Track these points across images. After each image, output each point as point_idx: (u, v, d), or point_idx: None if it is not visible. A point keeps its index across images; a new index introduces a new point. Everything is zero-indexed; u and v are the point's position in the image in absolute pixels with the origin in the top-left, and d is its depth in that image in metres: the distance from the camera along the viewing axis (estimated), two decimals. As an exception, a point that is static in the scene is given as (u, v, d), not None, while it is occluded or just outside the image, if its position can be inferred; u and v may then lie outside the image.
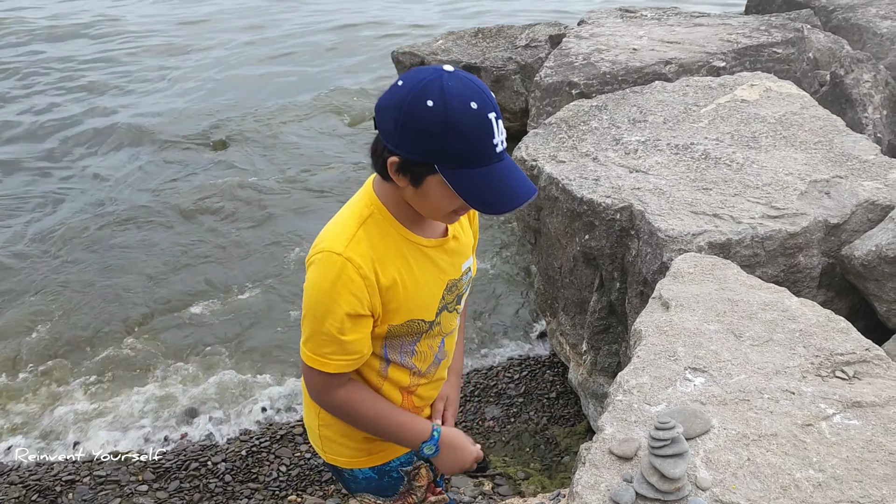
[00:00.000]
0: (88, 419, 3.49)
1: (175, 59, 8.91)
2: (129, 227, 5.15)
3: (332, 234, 1.37)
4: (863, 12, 5.60)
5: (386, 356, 1.49)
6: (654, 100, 3.73)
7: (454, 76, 1.24)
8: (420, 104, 1.22)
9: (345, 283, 1.33)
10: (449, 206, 1.32)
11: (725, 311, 1.92)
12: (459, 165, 1.24)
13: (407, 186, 1.31)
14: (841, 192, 2.86)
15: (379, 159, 1.31)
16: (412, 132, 1.23)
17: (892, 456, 1.45)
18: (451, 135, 1.21)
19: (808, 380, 1.65)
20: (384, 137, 1.28)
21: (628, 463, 1.48)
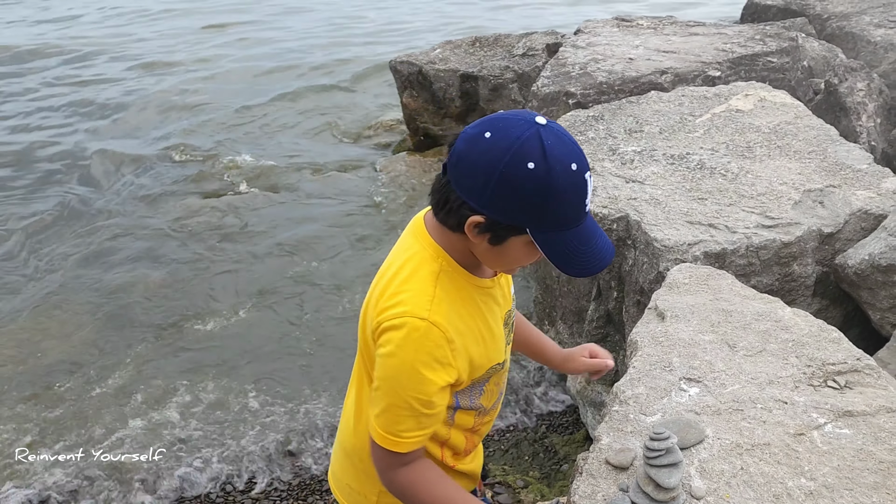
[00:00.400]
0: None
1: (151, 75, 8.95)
2: (122, 243, 5.18)
3: (409, 294, 1.24)
4: (857, 20, 5.65)
5: (457, 404, 1.40)
6: (650, 110, 3.77)
7: (551, 132, 1.14)
8: (520, 166, 1.12)
9: (431, 352, 1.22)
10: (527, 261, 1.25)
11: (720, 321, 1.95)
12: (552, 229, 1.17)
13: (482, 243, 1.22)
14: (834, 201, 2.90)
15: (453, 214, 1.20)
16: (508, 196, 1.13)
17: (882, 464, 1.48)
18: (551, 200, 1.13)
19: (800, 389, 1.68)
20: (467, 194, 1.17)
21: (624, 473, 1.51)
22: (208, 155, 6.61)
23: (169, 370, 3.89)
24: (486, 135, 1.15)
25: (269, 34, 10.60)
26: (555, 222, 1.16)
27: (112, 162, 6.55)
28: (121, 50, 10.04)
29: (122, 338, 4.17)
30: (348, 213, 5.54)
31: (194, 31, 10.92)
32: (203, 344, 4.13)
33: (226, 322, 4.30)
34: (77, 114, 7.80)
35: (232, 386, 3.78)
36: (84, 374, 3.88)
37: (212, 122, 7.36)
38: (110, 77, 8.94)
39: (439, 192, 1.22)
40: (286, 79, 8.68)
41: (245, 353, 4.03)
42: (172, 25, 11.36)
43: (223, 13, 11.97)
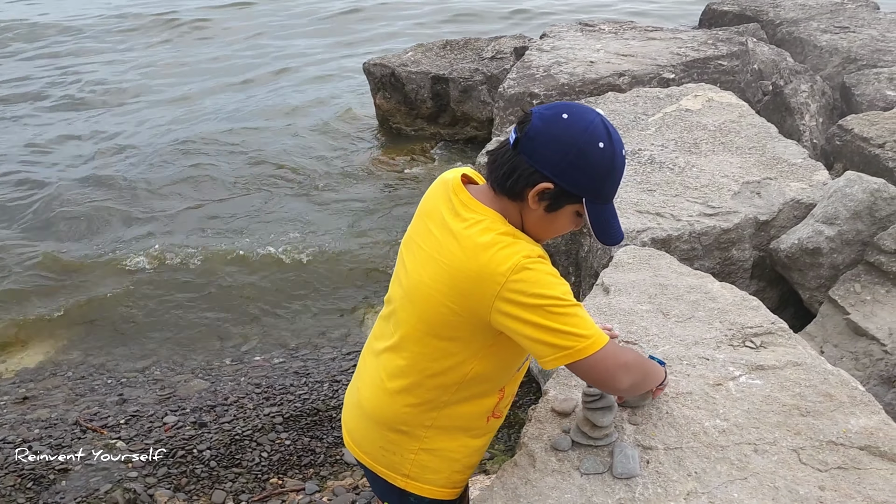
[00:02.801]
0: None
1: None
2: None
3: (514, 247, 1.38)
4: (805, 26, 5.99)
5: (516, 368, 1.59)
6: (607, 109, 4.03)
7: (609, 121, 1.40)
8: (594, 144, 1.34)
9: (556, 272, 1.41)
10: (566, 230, 1.47)
11: (656, 294, 2.20)
12: (601, 201, 1.40)
13: (538, 209, 1.41)
14: (770, 192, 3.18)
15: (522, 181, 1.38)
16: (581, 168, 1.35)
17: (785, 407, 1.73)
18: (610, 176, 1.38)
19: (721, 349, 1.94)
20: (542, 165, 1.36)
21: (567, 418, 1.75)
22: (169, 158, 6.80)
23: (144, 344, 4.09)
24: (564, 116, 1.37)
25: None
26: (606, 195, 1.41)
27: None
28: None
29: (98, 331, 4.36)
30: (323, 212, 5.75)
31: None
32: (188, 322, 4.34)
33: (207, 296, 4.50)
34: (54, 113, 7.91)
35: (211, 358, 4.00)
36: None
37: (182, 119, 7.50)
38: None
39: (507, 164, 1.40)
40: (258, 78, 8.85)
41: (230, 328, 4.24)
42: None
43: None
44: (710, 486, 1.55)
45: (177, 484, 3.25)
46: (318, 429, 3.57)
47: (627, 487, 1.56)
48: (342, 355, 4.15)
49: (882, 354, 2.56)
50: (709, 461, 1.61)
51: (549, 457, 1.65)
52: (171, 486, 3.23)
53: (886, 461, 1.60)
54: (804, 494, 1.52)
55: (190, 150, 6.79)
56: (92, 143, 7.02)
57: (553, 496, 1.55)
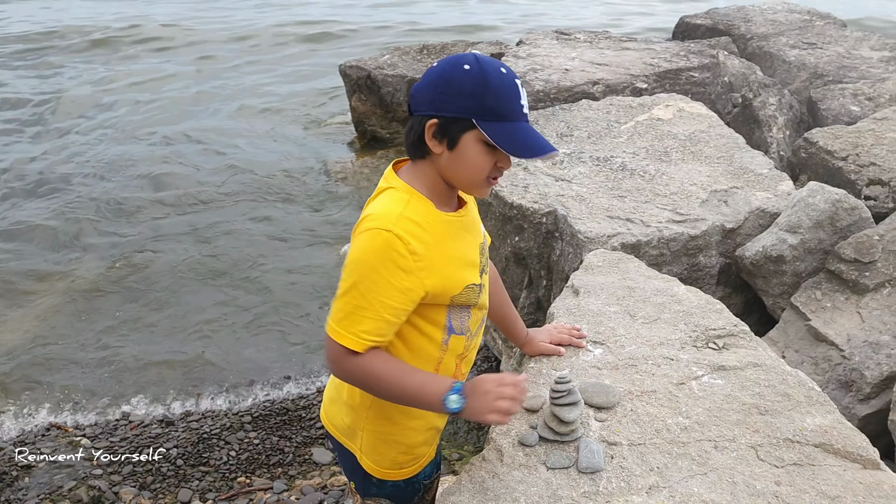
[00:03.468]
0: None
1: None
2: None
3: (377, 211, 1.44)
4: (774, 41, 6.13)
5: (450, 326, 1.57)
6: (581, 116, 4.09)
7: (483, 55, 1.46)
8: (458, 69, 1.41)
9: (395, 260, 1.40)
10: (484, 164, 1.45)
11: (624, 296, 2.25)
12: (494, 119, 1.41)
13: (443, 152, 1.45)
14: (737, 200, 3.25)
15: (415, 131, 1.46)
16: (451, 93, 1.41)
17: (745, 406, 1.79)
18: (486, 91, 1.40)
19: (685, 349, 1.99)
20: (421, 108, 1.44)
21: (535, 415, 1.78)
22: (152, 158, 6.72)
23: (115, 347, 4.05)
24: (433, 65, 1.47)
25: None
26: (495, 112, 1.41)
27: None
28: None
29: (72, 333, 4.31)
30: (297, 213, 5.74)
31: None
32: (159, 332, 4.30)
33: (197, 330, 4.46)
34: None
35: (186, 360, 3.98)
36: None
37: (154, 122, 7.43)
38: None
39: (407, 129, 1.50)
40: (235, 77, 8.81)
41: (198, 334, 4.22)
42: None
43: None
44: (672, 480, 1.59)
45: (142, 482, 3.23)
46: (286, 428, 3.57)
47: (592, 481, 1.59)
48: (312, 354, 4.15)
49: (840, 360, 2.64)
50: (671, 457, 1.65)
51: (516, 451, 1.68)
52: (136, 484, 3.21)
53: (839, 458, 1.66)
54: (761, 489, 1.57)
55: (154, 156, 6.73)
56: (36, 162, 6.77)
57: (520, 489, 1.58)
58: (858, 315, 2.73)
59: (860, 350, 2.61)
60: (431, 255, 1.46)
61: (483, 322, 1.70)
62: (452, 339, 1.60)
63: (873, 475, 1.62)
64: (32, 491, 3.11)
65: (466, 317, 1.60)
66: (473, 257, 1.58)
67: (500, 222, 3.46)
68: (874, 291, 2.77)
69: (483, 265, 1.64)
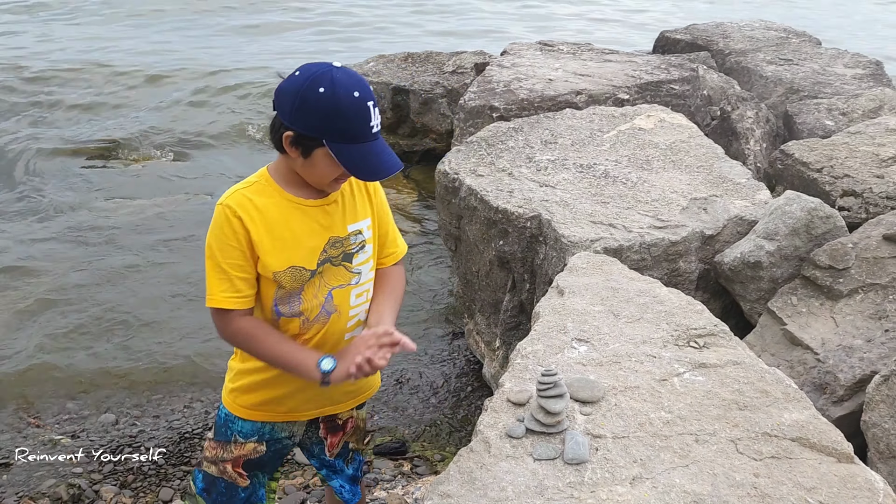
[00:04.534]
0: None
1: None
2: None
3: (225, 192, 1.70)
4: (752, 57, 6.27)
5: (277, 308, 1.73)
6: (565, 125, 4.16)
7: (342, 70, 1.57)
8: (314, 90, 1.54)
9: (226, 225, 1.64)
10: (331, 174, 1.64)
11: (608, 296, 2.30)
12: (342, 141, 1.57)
13: (298, 157, 1.63)
14: (716, 208, 3.33)
15: (276, 134, 1.63)
16: (306, 112, 1.55)
17: (724, 401, 1.84)
18: (337, 116, 1.54)
19: (667, 348, 2.05)
20: (282, 116, 1.60)
21: (521, 408, 1.82)
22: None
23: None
24: (296, 73, 1.60)
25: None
26: (344, 135, 1.57)
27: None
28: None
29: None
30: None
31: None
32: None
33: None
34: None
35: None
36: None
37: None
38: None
39: (270, 125, 1.66)
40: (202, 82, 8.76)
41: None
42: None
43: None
44: (655, 471, 1.64)
45: (123, 480, 3.21)
46: (269, 428, 3.57)
47: (577, 472, 1.64)
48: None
49: (815, 363, 2.71)
50: (653, 449, 1.70)
51: (503, 443, 1.72)
52: (117, 483, 3.19)
53: (815, 452, 1.71)
54: (740, 480, 1.62)
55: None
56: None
57: (507, 479, 1.61)
58: (833, 320, 2.81)
59: (834, 354, 2.69)
60: (258, 228, 1.65)
61: (325, 316, 1.76)
62: (283, 321, 1.75)
63: (847, 468, 1.68)
64: (10, 489, 3.09)
65: (297, 302, 1.73)
66: (313, 244, 1.72)
67: (484, 226, 3.51)
68: (848, 297, 2.85)
69: (332, 257, 1.74)
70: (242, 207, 1.66)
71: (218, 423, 1.93)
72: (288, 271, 1.69)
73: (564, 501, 1.56)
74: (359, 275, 1.80)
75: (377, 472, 3.29)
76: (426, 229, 5.60)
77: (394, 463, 3.37)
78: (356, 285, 1.81)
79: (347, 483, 2.08)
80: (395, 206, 5.90)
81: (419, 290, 4.86)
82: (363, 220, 1.81)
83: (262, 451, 1.90)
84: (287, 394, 1.83)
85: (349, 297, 1.79)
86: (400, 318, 4.46)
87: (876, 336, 2.68)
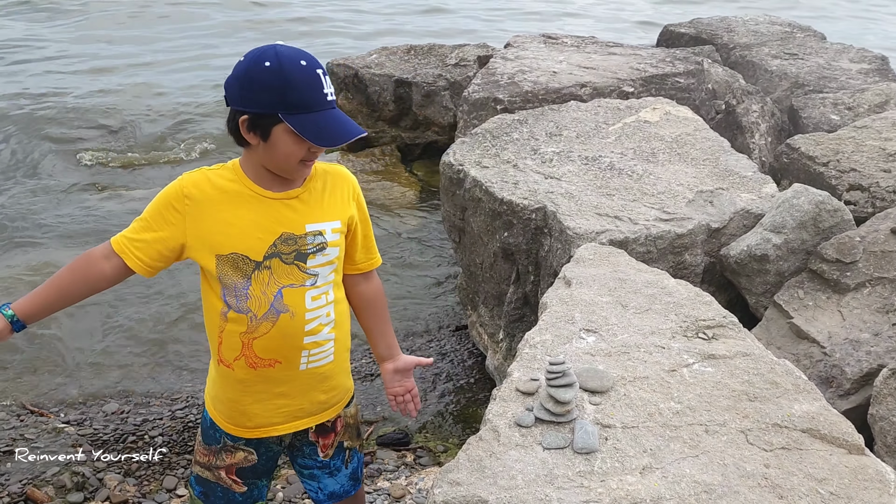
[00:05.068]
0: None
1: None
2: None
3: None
4: (757, 51, 6.25)
5: (225, 300, 1.68)
6: (569, 117, 4.15)
7: (286, 46, 1.56)
8: (259, 66, 1.52)
9: (173, 193, 1.64)
10: (295, 152, 1.58)
11: (616, 287, 2.29)
12: (298, 111, 1.53)
13: (259, 143, 1.59)
14: (722, 201, 3.32)
15: (232, 124, 1.59)
16: (255, 90, 1.52)
17: (734, 392, 1.84)
18: (287, 86, 1.51)
19: (676, 339, 2.04)
20: (234, 104, 1.57)
21: (530, 397, 1.81)
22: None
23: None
24: (240, 60, 1.58)
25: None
26: (298, 106, 1.53)
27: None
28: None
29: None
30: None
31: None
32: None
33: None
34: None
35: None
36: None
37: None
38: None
39: (227, 121, 1.62)
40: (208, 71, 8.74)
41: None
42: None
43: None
44: (664, 461, 1.63)
45: (127, 469, 3.21)
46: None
47: (587, 461, 1.63)
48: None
49: (822, 356, 2.71)
50: (663, 439, 1.69)
51: (512, 432, 1.71)
52: (121, 471, 3.19)
53: (826, 443, 1.71)
54: (750, 471, 1.61)
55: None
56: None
57: (517, 468, 1.61)
58: (839, 313, 2.81)
59: (841, 347, 2.68)
60: (204, 208, 1.64)
61: (274, 315, 1.69)
62: (231, 315, 1.69)
63: (858, 460, 1.67)
64: (14, 476, 3.08)
65: (244, 297, 1.67)
66: (261, 235, 1.66)
67: (489, 218, 3.50)
68: (855, 291, 2.84)
69: (282, 252, 1.68)
70: (197, 187, 1.64)
71: (204, 426, 1.88)
72: (230, 257, 1.65)
73: (574, 490, 1.55)
74: (315, 276, 1.72)
75: (380, 462, 3.29)
76: (429, 222, 5.58)
77: (397, 454, 3.37)
78: (311, 287, 1.72)
79: (347, 482, 2.00)
80: (397, 199, 5.89)
81: (422, 282, 4.85)
82: (329, 222, 1.72)
83: (254, 459, 1.85)
84: (248, 406, 1.77)
85: (303, 299, 1.71)
86: (404, 311, 4.48)
87: (883, 330, 2.67)
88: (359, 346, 4.18)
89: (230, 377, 1.75)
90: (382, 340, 1.95)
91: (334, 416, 1.91)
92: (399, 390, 1.94)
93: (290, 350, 1.73)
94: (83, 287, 1.70)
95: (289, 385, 1.77)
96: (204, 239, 1.64)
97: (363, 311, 1.93)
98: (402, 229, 5.45)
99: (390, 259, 5.02)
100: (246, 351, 1.72)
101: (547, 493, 1.54)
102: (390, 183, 6.22)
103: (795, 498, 1.55)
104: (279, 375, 1.75)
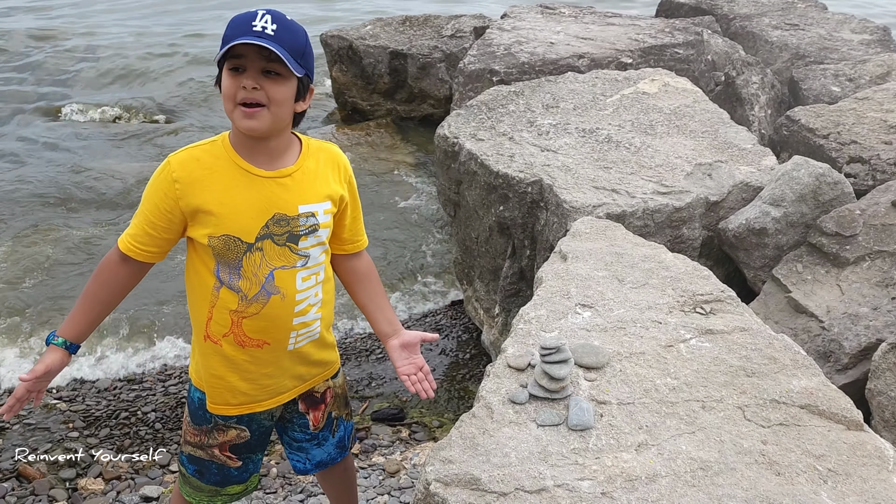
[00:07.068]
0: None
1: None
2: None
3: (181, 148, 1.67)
4: (757, 21, 6.16)
5: (218, 275, 1.65)
6: (566, 89, 4.08)
7: (269, 8, 1.56)
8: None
9: (162, 180, 1.62)
10: (230, 87, 1.54)
11: (612, 261, 2.25)
12: (225, 44, 1.52)
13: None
14: (721, 174, 3.27)
15: (218, 81, 1.60)
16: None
17: (731, 368, 1.80)
18: (227, 27, 1.53)
19: (673, 314, 2.00)
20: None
21: (524, 374, 1.78)
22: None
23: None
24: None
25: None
26: (226, 39, 1.52)
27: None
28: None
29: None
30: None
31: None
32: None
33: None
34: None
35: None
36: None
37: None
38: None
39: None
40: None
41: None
42: None
43: None
44: (660, 438, 1.61)
45: (119, 445, 3.19)
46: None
47: (582, 438, 1.60)
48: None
49: (819, 331, 2.68)
50: (659, 416, 1.66)
51: (506, 409, 1.68)
52: (113, 448, 3.17)
53: (824, 419, 1.68)
54: (748, 447, 1.59)
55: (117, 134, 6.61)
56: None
57: (510, 445, 1.58)
58: (838, 287, 2.77)
59: (839, 322, 2.65)
60: (193, 190, 1.60)
61: (265, 296, 1.66)
62: (223, 291, 1.66)
63: (857, 436, 1.65)
64: (7, 453, 3.06)
65: (236, 276, 1.65)
66: (253, 216, 1.62)
67: (484, 191, 3.45)
68: (854, 265, 2.81)
69: (274, 234, 1.64)
70: (185, 168, 1.61)
71: (192, 408, 1.83)
72: (222, 238, 1.61)
73: (569, 468, 1.53)
74: (306, 258, 1.69)
75: (375, 438, 3.27)
76: (424, 196, 5.52)
77: (392, 429, 3.35)
78: (302, 268, 1.70)
79: (334, 450, 1.98)
80: (392, 172, 5.82)
81: (417, 256, 4.81)
82: (321, 203, 1.69)
83: (247, 436, 1.82)
84: (234, 383, 1.73)
85: (294, 280, 1.69)
86: (399, 285, 4.43)
87: (882, 304, 2.64)
88: (352, 322, 4.15)
89: (217, 353, 1.71)
90: (382, 315, 1.89)
91: (321, 384, 1.88)
92: (411, 369, 1.83)
93: (279, 331, 1.71)
94: (117, 293, 1.72)
95: (275, 366, 1.75)
96: (196, 219, 1.62)
97: (357, 286, 1.88)
98: (397, 204, 5.39)
99: (385, 233, 4.98)
100: (235, 329, 1.69)
101: (541, 470, 1.51)
102: (386, 156, 6.14)
103: (793, 475, 1.52)
104: (266, 357, 1.72)
